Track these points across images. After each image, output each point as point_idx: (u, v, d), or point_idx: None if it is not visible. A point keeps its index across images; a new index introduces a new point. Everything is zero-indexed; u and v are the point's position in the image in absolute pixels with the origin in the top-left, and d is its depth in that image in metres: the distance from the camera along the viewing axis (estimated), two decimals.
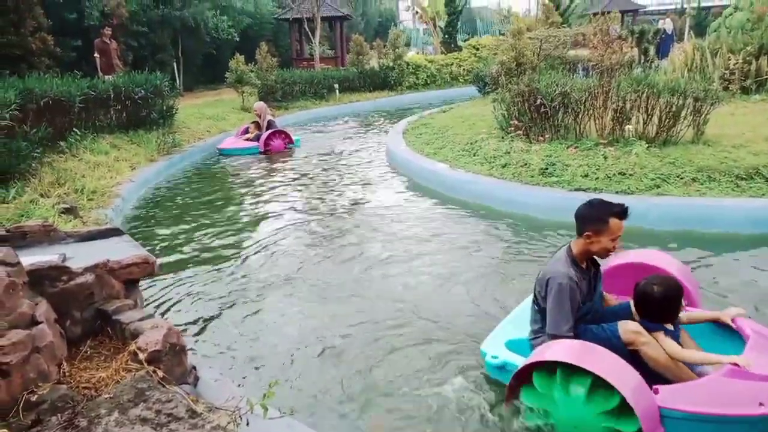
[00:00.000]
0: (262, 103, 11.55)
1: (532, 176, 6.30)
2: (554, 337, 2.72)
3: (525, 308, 3.24)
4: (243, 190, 7.92)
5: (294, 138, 10.90)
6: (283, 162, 9.76)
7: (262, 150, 10.31)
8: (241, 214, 6.72)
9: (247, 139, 10.72)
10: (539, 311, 2.89)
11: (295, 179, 8.43)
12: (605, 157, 6.23)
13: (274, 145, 10.43)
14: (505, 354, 2.96)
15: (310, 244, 5.48)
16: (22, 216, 4.85)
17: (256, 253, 5.30)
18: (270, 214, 6.62)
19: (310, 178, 8.45)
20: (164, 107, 10.65)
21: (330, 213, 6.58)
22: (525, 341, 3.01)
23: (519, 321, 3.22)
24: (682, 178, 5.75)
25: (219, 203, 7.25)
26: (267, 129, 10.61)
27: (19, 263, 2.50)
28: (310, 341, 3.65)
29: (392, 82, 19.96)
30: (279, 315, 4.05)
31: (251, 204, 7.15)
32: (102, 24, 13.34)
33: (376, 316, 3.95)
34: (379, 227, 5.92)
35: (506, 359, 2.92)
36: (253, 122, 11.03)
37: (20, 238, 3.22)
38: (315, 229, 5.99)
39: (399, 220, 6.11)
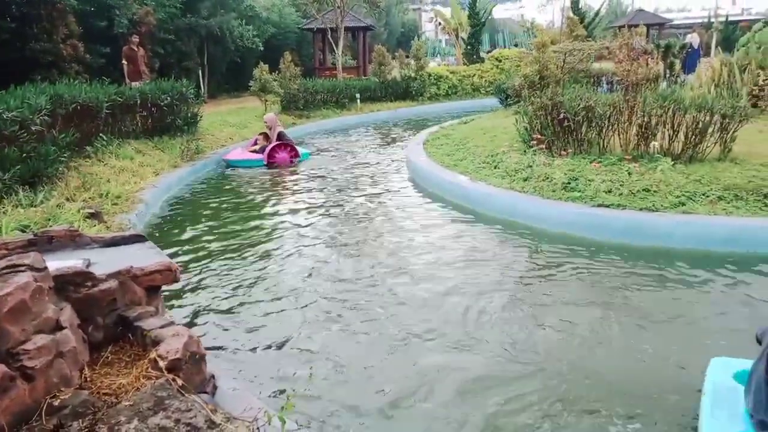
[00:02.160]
0: (272, 114, 11.43)
1: (554, 191, 6.24)
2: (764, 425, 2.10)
3: (724, 382, 2.63)
4: (257, 200, 7.90)
5: (301, 152, 10.69)
6: (291, 174, 9.65)
7: (266, 162, 10.16)
8: (260, 222, 6.76)
9: (253, 151, 10.55)
10: None
11: (306, 190, 8.37)
12: (629, 173, 6.15)
13: (279, 158, 10.24)
14: None
15: (331, 255, 5.47)
16: (49, 220, 4.94)
17: (277, 261, 5.32)
18: (288, 224, 6.64)
19: (325, 189, 8.42)
20: (189, 114, 10.80)
21: (348, 224, 6.58)
22: None
23: (724, 400, 2.52)
24: (708, 197, 5.65)
25: (237, 211, 7.30)
26: (277, 140, 10.47)
27: (45, 268, 2.54)
28: (337, 358, 3.56)
29: (413, 92, 20.01)
30: (302, 327, 4.01)
31: (269, 213, 7.18)
32: (130, 32, 13.61)
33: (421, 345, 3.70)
34: (402, 242, 5.81)
35: None
36: (261, 133, 10.85)
37: (47, 243, 3.27)
38: (340, 241, 5.98)
39: (423, 235, 6.01)
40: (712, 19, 31.86)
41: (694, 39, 17.92)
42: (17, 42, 12.08)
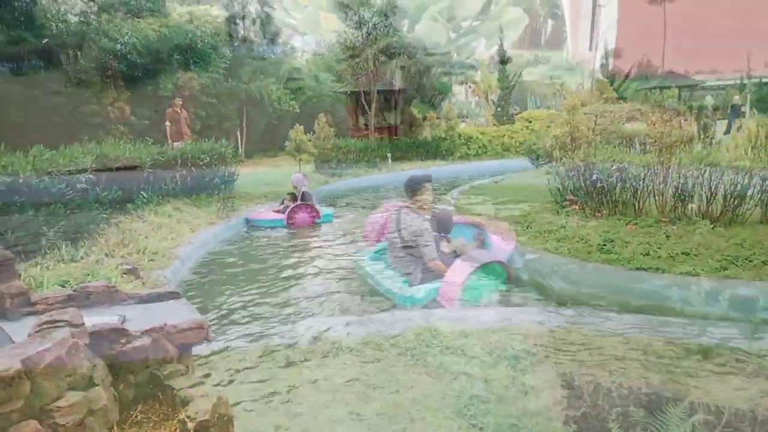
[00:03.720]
0: (300, 174, 11.55)
1: (590, 252, 6.11)
2: None
3: None
4: (280, 262, 7.79)
5: (324, 212, 10.73)
6: (313, 237, 9.59)
7: (287, 223, 10.25)
8: (284, 284, 6.63)
9: (276, 211, 10.66)
10: None
11: (327, 252, 8.28)
12: (667, 236, 6.01)
13: (299, 219, 10.30)
14: None
15: (350, 324, 5.38)
16: (88, 275, 5.07)
17: (305, 323, 5.25)
18: (309, 287, 6.49)
19: (347, 251, 8.26)
20: (226, 173, 11.14)
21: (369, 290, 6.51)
22: None
23: None
24: (751, 261, 5.45)
25: (261, 272, 7.19)
26: (301, 200, 10.58)
27: (83, 324, 2.58)
28: None
29: (444, 151, 20.32)
30: (332, 399, 3.85)
31: (292, 276, 7.02)
32: (174, 95, 14.33)
33: None
34: (427, 310, 5.76)
35: None
36: (289, 194, 10.96)
37: (85, 298, 3.35)
38: (360, 308, 5.91)
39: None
40: (745, 81, 31.78)
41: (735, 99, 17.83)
42: (70, 105, 12.86)
